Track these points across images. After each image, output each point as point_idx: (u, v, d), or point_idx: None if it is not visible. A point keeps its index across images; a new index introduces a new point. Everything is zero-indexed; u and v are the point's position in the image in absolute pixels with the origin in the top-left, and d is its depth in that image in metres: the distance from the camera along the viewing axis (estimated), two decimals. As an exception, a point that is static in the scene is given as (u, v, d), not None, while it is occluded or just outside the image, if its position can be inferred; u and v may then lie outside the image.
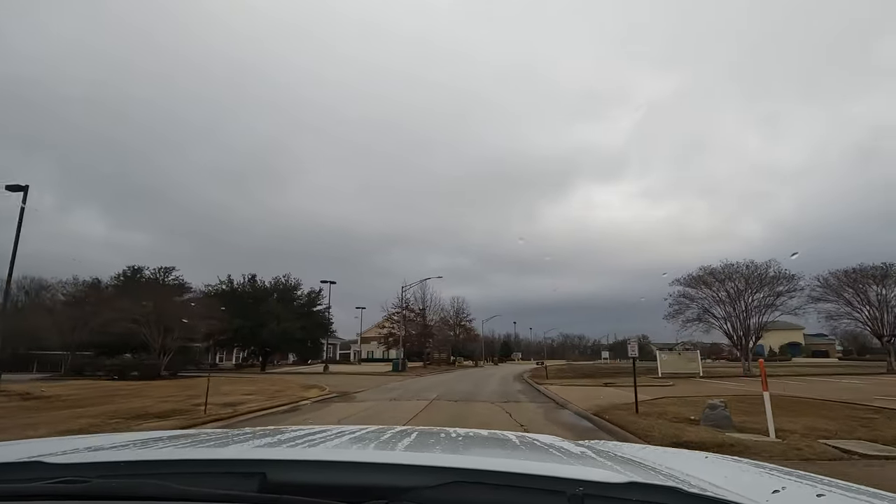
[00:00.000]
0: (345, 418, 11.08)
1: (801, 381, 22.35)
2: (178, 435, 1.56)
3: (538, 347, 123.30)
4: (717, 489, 0.94)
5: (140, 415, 10.53)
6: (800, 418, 9.10)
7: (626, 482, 0.82)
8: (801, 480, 1.14)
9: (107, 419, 9.85)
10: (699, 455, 1.65)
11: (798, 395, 14.57)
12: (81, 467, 0.95)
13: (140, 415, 10.53)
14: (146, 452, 1.14)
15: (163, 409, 11.47)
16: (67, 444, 1.33)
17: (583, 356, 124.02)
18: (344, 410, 12.63)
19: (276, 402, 13.85)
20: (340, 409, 12.86)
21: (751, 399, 11.73)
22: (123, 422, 9.56)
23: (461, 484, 0.82)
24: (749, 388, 17.20)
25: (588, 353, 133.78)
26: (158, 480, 0.81)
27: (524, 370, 39.33)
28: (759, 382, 8.02)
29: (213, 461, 0.99)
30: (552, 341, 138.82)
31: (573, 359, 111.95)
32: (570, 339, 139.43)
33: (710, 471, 1.27)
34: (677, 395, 14.72)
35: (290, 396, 15.43)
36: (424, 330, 45.73)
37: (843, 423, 8.68)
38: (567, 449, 1.44)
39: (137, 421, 9.64)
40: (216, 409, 11.13)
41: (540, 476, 0.86)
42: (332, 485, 0.85)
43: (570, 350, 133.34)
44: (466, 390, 19.30)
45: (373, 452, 1.18)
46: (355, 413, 12.01)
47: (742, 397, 13.20)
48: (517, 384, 23.97)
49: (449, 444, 1.40)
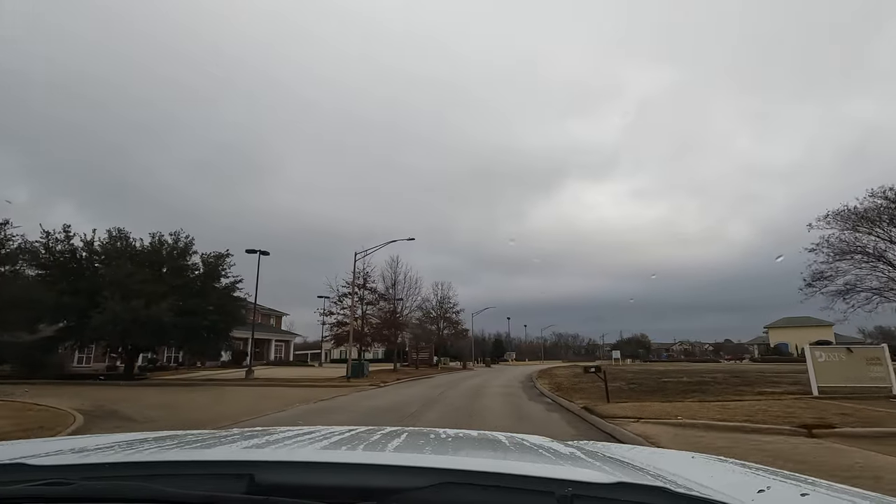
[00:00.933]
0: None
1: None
2: (165, 436, 1.54)
3: (530, 347, 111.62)
4: (703, 489, 0.95)
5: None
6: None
7: (614, 482, 0.83)
8: (786, 480, 1.15)
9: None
10: (686, 455, 1.66)
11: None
12: (66, 469, 0.94)
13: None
14: (132, 454, 1.10)
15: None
16: (52, 445, 1.33)
17: (577, 356, 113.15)
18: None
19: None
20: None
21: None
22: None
23: (451, 485, 0.81)
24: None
25: (582, 353, 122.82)
26: (144, 482, 0.80)
27: (528, 374, 27.82)
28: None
29: (200, 462, 0.98)
30: (545, 341, 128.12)
31: (569, 360, 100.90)
32: (564, 339, 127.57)
33: (697, 471, 1.30)
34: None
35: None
36: (392, 319, 33.67)
37: None
38: (556, 450, 1.44)
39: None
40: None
41: (529, 477, 0.86)
42: (321, 486, 0.84)
43: (562, 350, 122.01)
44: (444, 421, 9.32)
45: (362, 453, 1.17)
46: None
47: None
48: (541, 407, 12.44)
49: (439, 445, 1.39)
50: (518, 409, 12.20)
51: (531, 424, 9.51)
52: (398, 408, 12.37)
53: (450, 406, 12.94)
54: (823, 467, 5.43)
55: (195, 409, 12.60)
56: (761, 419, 8.69)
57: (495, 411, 11.76)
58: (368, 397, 15.76)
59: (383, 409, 12.48)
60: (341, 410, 12.31)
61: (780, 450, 6.46)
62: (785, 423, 8.17)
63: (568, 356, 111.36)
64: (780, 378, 19.76)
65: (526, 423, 9.83)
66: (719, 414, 9.40)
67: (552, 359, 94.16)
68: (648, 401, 12.37)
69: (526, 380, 24.97)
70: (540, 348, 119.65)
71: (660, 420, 8.95)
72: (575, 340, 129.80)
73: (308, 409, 12.57)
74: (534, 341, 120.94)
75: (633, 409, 10.36)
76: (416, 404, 13.10)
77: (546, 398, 15.64)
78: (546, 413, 11.54)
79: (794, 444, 6.90)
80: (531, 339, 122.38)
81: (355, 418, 10.70)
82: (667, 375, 23.87)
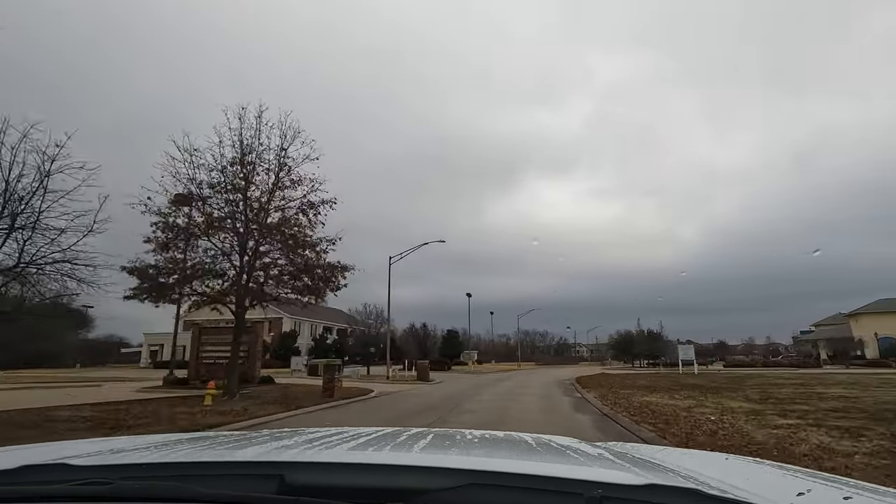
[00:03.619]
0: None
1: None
2: (198, 437, 1.63)
3: (493, 347, 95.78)
4: (738, 491, 0.91)
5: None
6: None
7: (644, 484, 0.80)
8: (827, 483, 1.09)
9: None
10: (719, 456, 1.62)
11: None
12: (105, 469, 0.96)
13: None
14: (167, 455, 1.14)
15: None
16: (92, 446, 1.37)
17: (545, 356, 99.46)
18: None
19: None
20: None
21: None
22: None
23: (478, 486, 0.80)
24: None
25: (551, 353, 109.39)
26: (179, 482, 0.81)
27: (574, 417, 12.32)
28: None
29: (231, 463, 1.00)
30: (508, 339, 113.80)
31: (545, 362, 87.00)
32: (532, 337, 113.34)
33: (730, 472, 1.26)
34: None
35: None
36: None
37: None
38: (584, 451, 1.39)
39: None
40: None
41: (557, 478, 0.85)
42: (349, 486, 0.84)
43: (527, 351, 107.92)
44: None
45: (389, 454, 1.17)
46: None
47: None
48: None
49: (465, 446, 1.39)
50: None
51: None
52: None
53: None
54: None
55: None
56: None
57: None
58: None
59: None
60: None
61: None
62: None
63: (536, 356, 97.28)
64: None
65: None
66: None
67: (524, 360, 79.60)
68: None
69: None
70: (503, 347, 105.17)
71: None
72: (544, 339, 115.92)
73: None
74: (495, 339, 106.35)
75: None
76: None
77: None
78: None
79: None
80: (495, 336, 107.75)
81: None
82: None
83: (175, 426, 8.57)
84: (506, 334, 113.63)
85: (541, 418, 10.67)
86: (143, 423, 8.94)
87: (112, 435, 6.54)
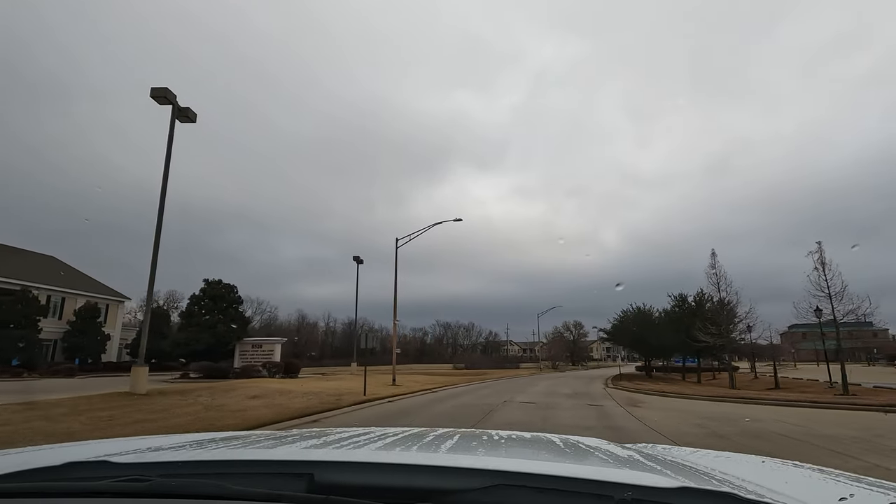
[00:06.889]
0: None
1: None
2: (231, 437, 1.61)
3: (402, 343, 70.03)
4: (776, 495, 0.88)
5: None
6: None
7: (677, 487, 0.79)
8: (871, 488, 1.04)
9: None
10: (755, 459, 1.53)
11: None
12: (144, 466, 0.99)
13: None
14: (202, 453, 1.15)
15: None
16: (132, 444, 1.39)
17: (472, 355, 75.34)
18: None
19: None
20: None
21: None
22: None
23: (506, 487, 0.80)
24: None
25: (479, 350, 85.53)
26: (215, 480, 0.83)
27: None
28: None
29: (264, 462, 1.01)
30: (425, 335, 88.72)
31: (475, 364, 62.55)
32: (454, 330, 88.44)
33: (768, 476, 1.22)
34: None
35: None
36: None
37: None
38: (614, 452, 1.36)
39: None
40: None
41: (587, 480, 0.83)
42: (378, 486, 0.85)
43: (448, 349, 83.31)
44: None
45: (417, 454, 1.17)
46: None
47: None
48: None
49: (492, 447, 1.37)
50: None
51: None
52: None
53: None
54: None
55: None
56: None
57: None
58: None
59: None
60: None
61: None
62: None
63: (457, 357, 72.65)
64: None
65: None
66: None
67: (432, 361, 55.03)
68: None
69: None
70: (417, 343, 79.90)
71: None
72: (468, 334, 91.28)
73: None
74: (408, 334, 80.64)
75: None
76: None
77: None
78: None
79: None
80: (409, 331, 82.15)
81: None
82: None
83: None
84: (421, 328, 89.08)
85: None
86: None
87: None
